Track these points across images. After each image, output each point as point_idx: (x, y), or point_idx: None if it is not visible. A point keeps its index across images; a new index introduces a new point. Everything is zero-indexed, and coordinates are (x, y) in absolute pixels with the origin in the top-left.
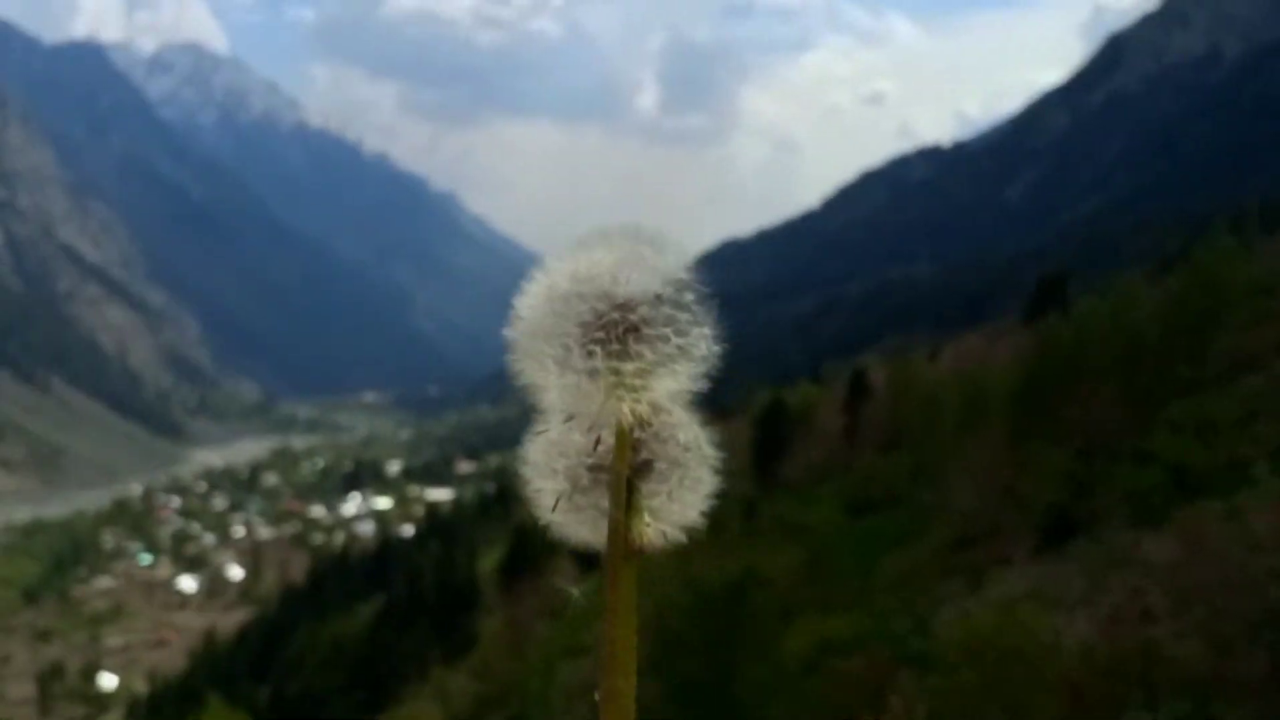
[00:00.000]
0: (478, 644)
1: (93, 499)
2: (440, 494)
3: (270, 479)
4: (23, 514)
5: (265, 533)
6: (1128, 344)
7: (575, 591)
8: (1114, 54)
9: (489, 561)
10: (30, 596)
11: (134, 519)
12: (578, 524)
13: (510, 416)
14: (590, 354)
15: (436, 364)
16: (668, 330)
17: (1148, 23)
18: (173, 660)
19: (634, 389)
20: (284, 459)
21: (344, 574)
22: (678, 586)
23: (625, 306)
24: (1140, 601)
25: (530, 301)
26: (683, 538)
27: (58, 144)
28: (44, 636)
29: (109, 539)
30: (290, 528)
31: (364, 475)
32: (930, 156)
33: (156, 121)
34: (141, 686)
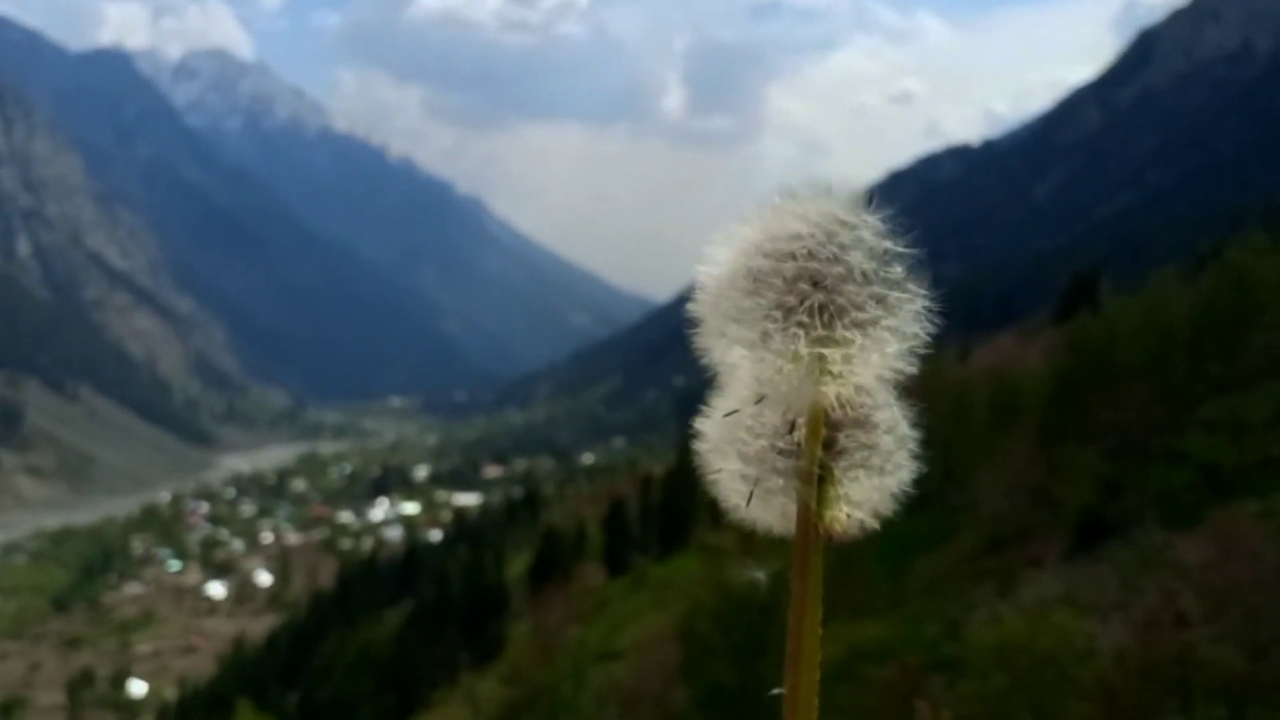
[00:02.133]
0: (507, 649)
1: (122, 506)
2: (468, 499)
3: (298, 485)
4: (52, 522)
5: (294, 538)
6: (1160, 343)
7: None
8: (1145, 50)
9: (517, 566)
10: (60, 604)
11: (163, 526)
12: (765, 509)
13: (537, 421)
14: (794, 337)
15: (463, 368)
16: (877, 310)
17: (1179, 18)
18: (202, 666)
19: (838, 372)
20: (312, 465)
21: (372, 579)
22: (708, 592)
23: (831, 288)
24: (1174, 605)
25: (719, 276)
26: (876, 524)
27: (85, 152)
28: (74, 644)
29: (138, 546)
30: (318, 533)
31: (391, 480)
32: (959, 155)
33: (183, 128)
34: (171, 693)
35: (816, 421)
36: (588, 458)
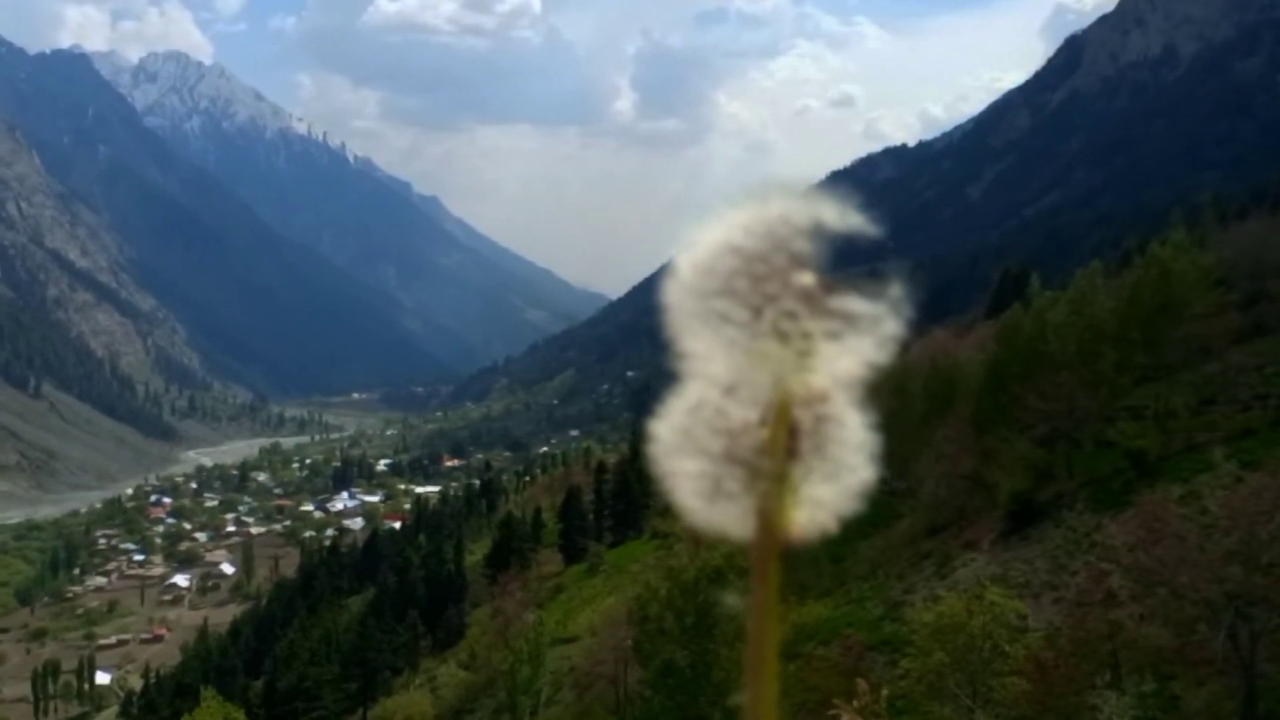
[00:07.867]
0: (466, 634)
1: (86, 500)
2: (427, 489)
3: (261, 477)
4: (16, 516)
5: (257, 530)
6: (1087, 335)
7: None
8: (1073, 55)
9: (476, 554)
10: (24, 598)
11: (126, 518)
12: (723, 511)
13: (494, 414)
14: (784, 318)
15: (422, 363)
16: (860, 302)
17: (1105, 23)
18: (167, 656)
19: (817, 364)
20: (274, 458)
21: (334, 569)
22: (659, 576)
23: (819, 277)
24: (1103, 584)
25: (701, 257)
26: (835, 528)
27: (45, 152)
28: (38, 636)
29: (102, 539)
30: (281, 524)
31: (352, 472)
32: (896, 156)
33: (142, 129)
34: (136, 682)
35: (784, 417)
36: (543, 449)
